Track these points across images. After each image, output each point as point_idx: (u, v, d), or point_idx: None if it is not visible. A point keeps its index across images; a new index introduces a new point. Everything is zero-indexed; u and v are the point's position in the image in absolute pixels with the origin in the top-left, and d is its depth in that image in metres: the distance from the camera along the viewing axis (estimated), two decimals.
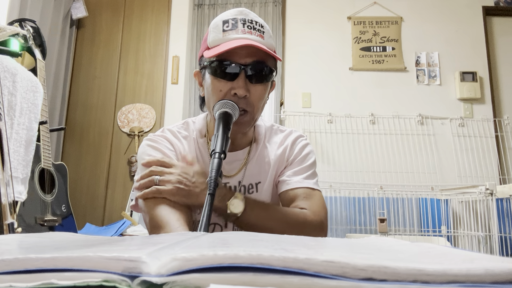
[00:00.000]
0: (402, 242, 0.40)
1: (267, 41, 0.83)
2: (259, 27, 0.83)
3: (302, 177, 0.91)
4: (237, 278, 0.21)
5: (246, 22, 0.82)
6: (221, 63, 0.81)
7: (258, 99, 0.83)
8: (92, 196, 3.19)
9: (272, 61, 0.85)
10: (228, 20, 0.82)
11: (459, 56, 3.13)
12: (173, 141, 0.90)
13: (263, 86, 0.84)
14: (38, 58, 2.08)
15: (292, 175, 0.91)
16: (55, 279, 0.21)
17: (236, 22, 0.81)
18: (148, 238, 0.43)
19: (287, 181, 0.90)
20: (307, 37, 3.25)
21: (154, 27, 3.44)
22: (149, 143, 0.88)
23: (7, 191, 1.09)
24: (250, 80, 0.81)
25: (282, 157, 0.94)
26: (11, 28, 1.59)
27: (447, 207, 2.68)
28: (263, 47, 0.79)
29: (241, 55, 0.80)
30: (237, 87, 0.80)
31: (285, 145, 0.96)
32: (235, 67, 0.80)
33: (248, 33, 0.81)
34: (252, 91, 0.82)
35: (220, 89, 0.82)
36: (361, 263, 0.21)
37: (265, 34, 0.83)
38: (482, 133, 2.97)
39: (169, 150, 0.88)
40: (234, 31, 0.81)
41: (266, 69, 0.82)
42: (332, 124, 3.04)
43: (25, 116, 1.56)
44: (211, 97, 0.84)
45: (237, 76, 0.80)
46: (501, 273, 0.21)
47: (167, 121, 3.27)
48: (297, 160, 0.94)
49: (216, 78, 0.82)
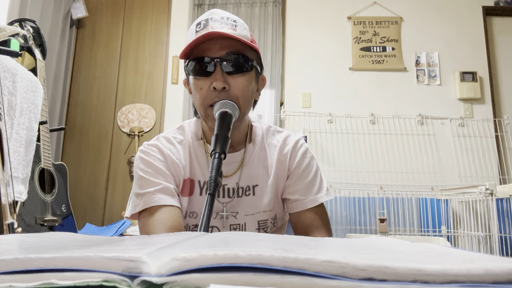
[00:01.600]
0: (402, 242, 0.40)
1: (240, 32, 0.82)
2: (231, 21, 0.83)
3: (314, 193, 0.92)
4: (237, 278, 0.21)
5: (217, 20, 0.82)
6: (196, 62, 0.82)
7: (240, 91, 0.82)
8: (92, 196, 3.19)
9: (251, 52, 0.85)
10: (201, 22, 0.83)
11: (459, 56, 3.13)
12: (165, 151, 0.89)
13: (244, 77, 0.82)
14: (38, 58, 2.08)
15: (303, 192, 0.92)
16: (55, 279, 0.21)
17: (207, 22, 0.82)
18: (148, 238, 0.43)
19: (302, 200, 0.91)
20: (307, 37, 3.25)
21: (154, 27, 3.44)
22: (141, 156, 0.89)
23: (7, 191, 1.09)
24: (228, 72, 0.81)
25: (282, 163, 0.94)
26: (11, 28, 1.59)
27: (447, 207, 2.68)
28: (231, 34, 0.79)
29: (215, 49, 0.80)
30: (214, 81, 0.80)
31: (285, 151, 0.95)
32: (209, 61, 0.80)
33: (219, 27, 0.81)
34: (231, 83, 0.81)
35: (200, 87, 0.82)
36: (361, 263, 0.21)
37: (237, 27, 0.83)
38: (482, 133, 2.97)
39: (159, 162, 0.88)
40: (205, 29, 0.81)
41: (242, 59, 0.81)
42: (332, 124, 3.04)
43: (25, 116, 1.56)
44: (195, 97, 0.85)
45: (213, 70, 0.80)
46: (501, 273, 0.21)
47: (167, 121, 3.27)
48: (302, 171, 0.93)
49: (195, 78, 0.83)
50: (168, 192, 0.84)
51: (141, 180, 0.86)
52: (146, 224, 0.82)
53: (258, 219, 0.92)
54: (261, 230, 0.93)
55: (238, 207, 0.91)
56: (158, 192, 0.83)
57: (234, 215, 0.91)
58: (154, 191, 0.83)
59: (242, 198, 0.91)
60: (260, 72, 0.90)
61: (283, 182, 0.94)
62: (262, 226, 0.93)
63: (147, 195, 0.83)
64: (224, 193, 0.90)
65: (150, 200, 0.82)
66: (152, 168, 0.87)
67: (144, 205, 0.83)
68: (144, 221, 0.84)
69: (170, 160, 0.89)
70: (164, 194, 0.83)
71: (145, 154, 0.89)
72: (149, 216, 0.82)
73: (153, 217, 0.81)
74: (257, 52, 0.87)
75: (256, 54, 0.87)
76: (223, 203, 0.90)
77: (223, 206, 0.90)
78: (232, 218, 0.91)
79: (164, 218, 0.81)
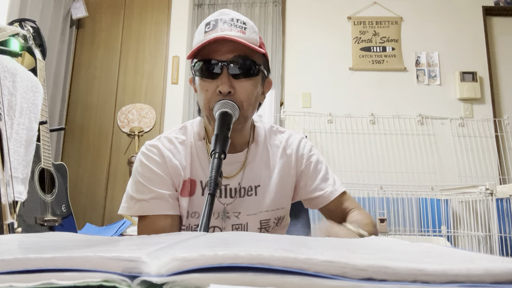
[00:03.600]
0: (402, 242, 0.40)
1: (249, 36, 0.82)
2: (240, 23, 0.82)
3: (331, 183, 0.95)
4: (237, 278, 0.21)
5: (227, 21, 0.81)
6: (203, 63, 0.81)
7: (246, 95, 0.82)
8: (92, 196, 3.19)
9: (259, 56, 0.85)
10: (210, 22, 0.82)
11: (459, 56, 3.13)
12: (165, 153, 0.90)
13: (250, 81, 0.82)
14: (38, 58, 2.08)
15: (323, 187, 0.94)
16: (55, 279, 0.21)
17: (217, 22, 0.82)
18: (148, 238, 0.43)
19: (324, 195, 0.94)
20: (307, 37, 3.25)
21: (154, 27, 3.44)
22: (140, 158, 0.90)
23: (7, 191, 1.09)
24: (235, 76, 0.81)
25: (288, 164, 0.95)
26: (11, 28, 1.59)
27: (447, 207, 2.68)
28: (239, 39, 0.78)
29: (222, 52, 0.80)
30: (220, 84, 0.80)
31: (288, 152, 0.96)
32: (216, 64, 0.80)
33: (228, 30, 0.80)
34: (237, 87, 0.81)
35: (206, 89, 0.82)
36: (361, 263, 0.21)
37: (247, 29, 0.82)
38: (482, 133, 2.97)
39: (158, 166, 0.88)
40: (214, 31, 0.81)
41: (249, 63, 0.81)
42: (332, 124, 3.04)
43: (25, 116, 1.56)
44: (200, 98, 0.85)
45: (220, 73, 0.80)
46: (501, 273, 0.21)
47: (167, 121, 3.27)
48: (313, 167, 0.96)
49: (201, 79, 0.83)
50: (163, 200, 0.86)
51: (138, 184, 0.88)
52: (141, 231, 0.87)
53: (260, 219, 0.92)
54: (263, 230, 0.93)
55: (240, 207, 0.91)
56: (152, 199, 0.85)
57: (236, 215, 0.91)
58: (149, 199, 0.85)
59: (244, 199, 0.91)
60: (266, 76, 0.90)
61: (289, 183, 0.95)
62: (264, 225, 0.93)
63: (141, 202, 0.86)
64: (226, 193, 0.91)
65: (144, 208, 0.85)
66: (150, 173, 0.88)
67: (138, 211, 0.86)
68: (140, 227, 0.88)
69: (170, 162, 0.89)
70: (158, 202, 0.85)
71: (145, 157, 0.89)
72: (143, 223, 0.87)
73: (146, 226, 0.86)
74: (265, 55, 0.87)
75: (264, 58, 0.87)
76: (224, 204, 0.90)
77: (225, 206, 0.90)
78: (234, 218, 0.91)
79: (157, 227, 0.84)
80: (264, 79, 0.89)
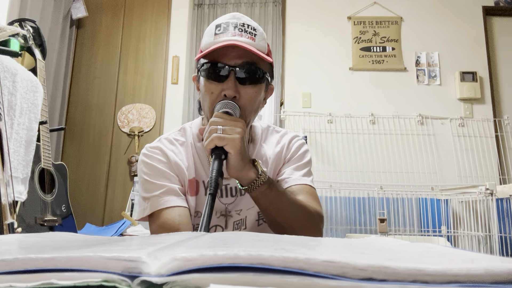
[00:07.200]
0: (402, 242, 0.40)
1: (258, 43, 0.83)
2: (250, 29, 0.83)
3: (301, 175, 0.93)
4: (237, 278, 0.21)
5: (237, 26, 0.82)
6: (211, 65, 0.82)
7: (249, 101, 0.83)
8: (92, 196, 3.19)
9: (265, 63, 0.86)
10: (221, 24, 0.83)
11: (459, 56, 3.13)
12: (168, 152, 0.90)
13: (255, 88, 0.83)
14: (38, 58, 2.08)
15: (291, 173, 0.93)
16: (55, 279, 0.21)
17: (228, 26, 0.82)
18: (148, 238, 0.43)
19: (287, 179, 0.92)
20: (307, 37, 3.25)
21: (154, 27, 3.44)
22: (144, 159, 0.90)
23: (7, 191, 1.09)
24: (241, 81, 0.82)
25: (279, 155, 0.96)
26: (11, 28, 1.59)
27: (447, 207, 2.68)
28: (249, 47, 0.79)
29: (231, 56, 0.81)
30: (226, 88, 0.80)
31: (281, 143, 0.98)
32: (224, 68, 0.81)
33: (239, 35, 0.81)
34: (242, 93, 0.82)
35: (211, 91, 0.83)
36: (361, 263, 0.21)
37: (256, 36, 0.83)
38: (482, 133, 2.97)
39: (162, 164, 0.89)
40: (224, 34, 0.81)
41: (256, 70, 0.82)
42: (332, 124, 3.04)
43: (25, 116, 1.56)
44: (204, 99, 0.86)
45: (227, 78, 0.81)
46: (501, 273, 0.21)
47: (167, 121, 3.27)
48: (295, 158, 0.96)
49: (207, 80, 0.83)
50: (173, 193, 0.86)
51: (146, 184, 0.87)
52: (155, 226, 0.84)
53: (257, 210, 0.94)
54: (260, 220, 0.95)
55: (241, 205, 0.93)
56: (163, 194, 0.85)
57: (238, 212, 0.93)
58: (160, 194, 0.85)
59: (245, 196, 0.92)
60: (270, 82, 0.91)
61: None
62: (261, 217, 0.95)
63: (153, 199, 0.85)
64: (227, 192, 0.92)
65: (156, 203, 0.84)
66: (155, 171, 0.88)
67: (151, 208, 0.85)
68: (153, 224, 0.86)
69: (173, 161, 0.90)
70: (169, 196, 0.85)
71: (148, 158, 0.90)
72: (157, 219, 0.84)
73: (161, 219, 0.83)
74: (271, 63, 0.88)
75: (269, 66, 0.88)
76: (225, 203, 0.92)
77: (226, 206, 0.92)
78: (236, 215, 0.93)
79: (172, 218, 0.82)
80: (267, 86, 0.90)
